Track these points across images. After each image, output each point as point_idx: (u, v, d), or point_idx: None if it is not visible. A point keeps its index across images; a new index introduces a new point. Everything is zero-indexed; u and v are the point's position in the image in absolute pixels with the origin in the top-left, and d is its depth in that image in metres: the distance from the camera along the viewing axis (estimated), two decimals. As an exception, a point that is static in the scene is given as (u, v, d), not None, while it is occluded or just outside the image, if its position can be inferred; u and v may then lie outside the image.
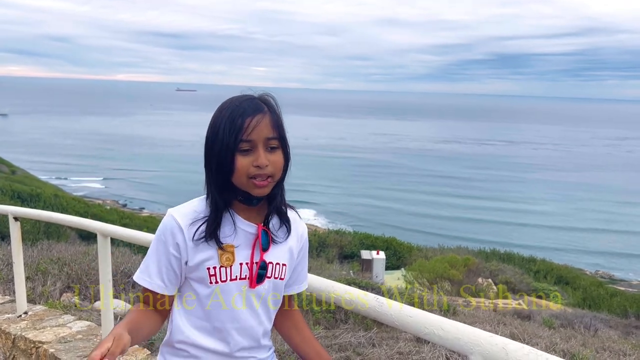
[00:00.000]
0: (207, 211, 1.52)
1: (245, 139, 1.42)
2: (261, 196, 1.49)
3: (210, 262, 1.49)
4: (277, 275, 1.57)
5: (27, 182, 31.37)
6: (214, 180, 1.49)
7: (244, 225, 1.53)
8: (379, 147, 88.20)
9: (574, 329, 7.97)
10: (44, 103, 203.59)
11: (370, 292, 1.86)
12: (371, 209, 45.30)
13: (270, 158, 1.45)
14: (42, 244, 9.70)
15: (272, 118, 1.47)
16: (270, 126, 1.46)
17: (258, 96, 1.51)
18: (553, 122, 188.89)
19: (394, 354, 4.18)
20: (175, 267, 1.52)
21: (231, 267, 1.50)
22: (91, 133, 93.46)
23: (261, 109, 1.46)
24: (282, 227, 1.59)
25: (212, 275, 1.49)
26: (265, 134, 1.44)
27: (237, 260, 1.50)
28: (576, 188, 56.66)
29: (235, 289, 1.51)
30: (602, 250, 35.60)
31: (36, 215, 4.33)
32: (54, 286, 5.86)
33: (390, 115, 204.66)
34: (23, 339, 4.01)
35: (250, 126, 1.42)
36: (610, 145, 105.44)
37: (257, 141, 1.44)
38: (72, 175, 55.38)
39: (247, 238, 1.53)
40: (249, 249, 1.52)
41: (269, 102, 1.51)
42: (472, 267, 17.75)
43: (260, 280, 1.53)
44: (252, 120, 1.43)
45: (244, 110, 1.44)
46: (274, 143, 1.47)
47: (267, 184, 1.46)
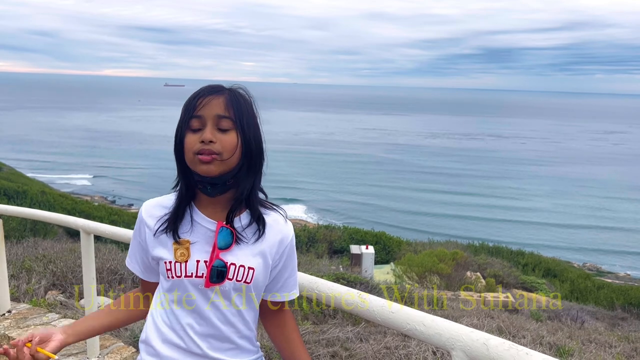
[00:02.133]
0: (171, 209, 1.52)
1: (196, 114, 1.41)
2: (208, 175, 1.42)
3: (166, 256, 1.48)
4: (241, 279, 1.47)
5: (14, 179, 31.03)
6: (177, 165, 1.49)
7: (202, 221, 1.49)
8: (367, 142, 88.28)
9: (561, 322, 8.03)
10: (29, 99, 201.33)
11: (359, 287, 1.85)
12: (360, 205, 45.27)
13: (218, 136, 1.41)
14: (27, 241, 9.61)
15: (228, 98, 1.44)
16: (224, 105, 1.42)
17: (228, 86, 1.49)
18: (541, 116, 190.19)
19: (381, 348, 4.19)
20: (145, 255, 1.57)
21: (186, 263, 1.46)
22: (78, 129, 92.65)
23: (218, 90, 1.45)
24: (252, 227, 1.51)
25: (169, 269, 1.48)
26: (216, 112, 1.41)
27: (193, 257, 1.46)
28: (564, 181, 57.15)
29: (190, 287, 1.47)
30: (590, 248, 35.72)
31: (18, 212, 4.27)
32: (39, 284, 5.80)
33: (378, 110, 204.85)
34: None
35: (202, 104, 1.42)
36: (597, 139, 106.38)
37: (206, 118, 1.41)
38: (59, 172, 54.90)
39: (207, 235, 1.48)
40: (209, 247, 1.47)
41: (234, 89, 1.48)
42: (461, 261, 17.83)
43: (219, 280, 1.45)
44: (205, 99, 1.42)
45: (201, 91, 1.45)
46: (226, 123, 1.42)
47: (210, 160, 1.40)
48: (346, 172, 59.73)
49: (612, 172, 63.94)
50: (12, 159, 51.26)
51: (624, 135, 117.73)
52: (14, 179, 31.83)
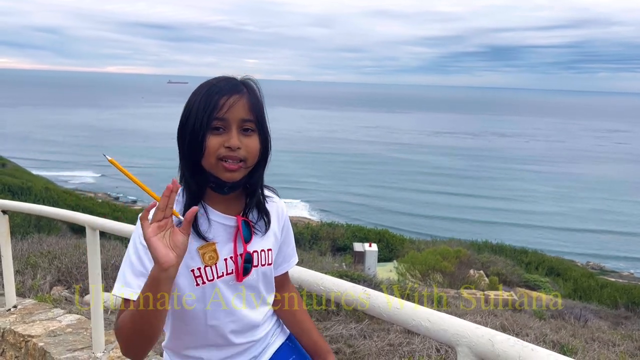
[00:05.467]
0: (180, 206, 1.42)
1: (219, 117, 1.35)
2: (231, 182, 1.39)
3: (192, 262, 1.40)
4: (265, 262, 1.52)
5: (18, 175, 31.13)
6: (186, 163, 1.42)
7: (219, 219, 1.45)
8: (371, 140, 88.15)
9: (564, 320, 8.02)
10: (33, 96, 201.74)
11: (362, 285, 1.85)
12: (362, 206, 44.80)
13: (243, 141, 1.37)
14: (32, 237, 9.65)
15: (250, 100, 1.40)
16: (248, 108, 1.39)
17: (240, 78, 1.44)
18: (545, 115, 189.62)
19: (384, 345, 4.20)
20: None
21: (216, 264, 1.42)
22: (82, 126, 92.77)
23: (239, 90, 1.39)
24: (262, 219, 1.53)
25: (198, 276, 1.41)
26: (241, 115, 1.37)
27: (221, 257, 1.43)
28: (567, 180, 56.96)
29: (223, 286, 1.45)
30: (594, 254, 35.14)
31: (24, 208, 4.30)
32: (44, 280, 5.84)
33: (382, 108, 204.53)
34: (12, 332, 3.99)
35: (225, 105, 1.36)
36: (600, 138, 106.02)
37: (231, 121, 1.36)
38: (63, 168, 55.04)
39: (227, 231, 1.45)
40: (231, 242, 1.45)
41: (250, 84, 1.44)
42: (464, 259, 17.83)
43: (247, 272, 1.47)
44: (229, 99, 1.36)
45: (220, 88, 1.38)
46: (249, 125, 1.39)
47: (237, 168, 1.37)
48: (349, 171, 59.63)
49: (615, 171, 63.69)
50: (17, 158, 51.44)
51: (628, 134, 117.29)
52: (19, 175, 31.95)
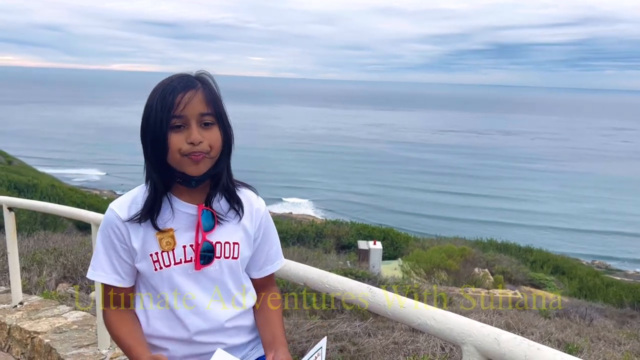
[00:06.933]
0: (142, 202, 1.49)
1: (177, 114, 1.39)
2: (198, 175, 1.44)
3: (151, 248, 1.47)
4: (229, 255, 1.52)
5: (24, 173, 31.26)
6: (151, 162, 1.45)
7: (183, 207, 1.49)
8: (375, 138, 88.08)
9: (570, 319, 8.01)
10: (38, 93, 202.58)
11: (366, 283, 1.85)
12: (366, 206, 44.50)
13: (204, 134, 1.41)
14: (38, 234, 9.69)
15: (205, 94, 1.43)
16: (204, 102, 1.42)
17: (194, 74, 1.47)
18: (550, 113, 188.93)
19: (389, 343, 4.20)
20: (126, 258, 1.51)
21: (173, 250, 1.47)
22: (87, 123, 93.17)
23: (193, 85, 1.43)
24: (231, 211, 1.55)
25: (156, 261, 1.47)
26: (198, 110, 1.41)
27: (180, 244, 1.47)
28: (573, 179, 56.74)
29: (182, 273, 1.48)
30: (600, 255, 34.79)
31: (30, 205, 4.31)
32: (50, 276, 5.86)
33: (386, 106, 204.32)
34: (18, 329, 4.01)
35: (182, 102, 1.39)
36: (607, 136, 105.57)
37: (189, 117, 1.40)
38: (68, 165, 55.24)
39: (189, 220, 1.49)
40: (192, 231, 1.48)
41: (204, 78, 1.47)
42: (469, 257, 17.80)
43: (208, 261, 1.49)
44: (184, 96, 1.40)
45: (174, 87, 1.41)
46: (208, 119, 1.42)
47: (201, 158, 1.41)
48: (353, 169, 59.55)
49: (621, 169, 63.35)
50: (24, 156, 51.67)
51: (634, 132, 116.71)
52: (24, 172, 32.07)
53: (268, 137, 79.74)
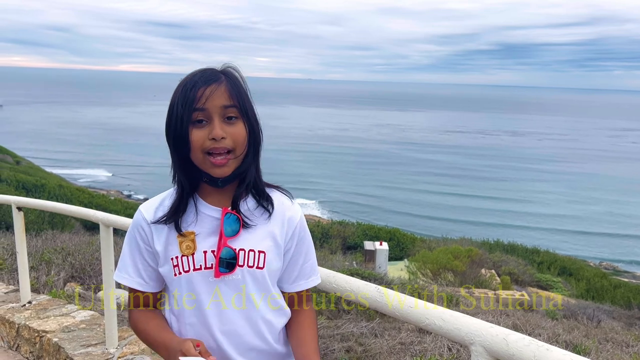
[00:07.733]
0: (170, 201, 1.44)
1: (198, 107, 1.32)
2: (223, 177, 1.37)
3: (173, 251, 1.40)
4: (253, 264, 1.40)
5: (32, 173, 31.45)
6: (176, 160, 1.40)
7: (207, 210, 1.42)
8: (382, 138, 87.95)
9: (577, 320, 7.97)
10: (46, 93, 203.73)
11: (372, 283, 1.85)
12: (372, 207, 44.30)
13: (227, 130, 1.34)
14: (46, 234, 9.75)
15: (229, 86, 1.36)
16: (227, 94, 1.35)
17: (220, 68, 1.41)
18: (558, 113, 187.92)
19: (396, 344, 4.19)
20: (150, 261, 1.46)
21: (193, 255, 1.39)
22: (94, 123, 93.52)
23: (216, 79, 1.36)
24: (260, 209, 1.45)
25: (176, 265, 1.40)
26: (221, 102, 1.34)
27: (200, 248, 1.39)
28: (580, 180, 56.39)
29: (201, 279, 1.40)
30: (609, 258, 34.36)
31: (39, 205, 4.34)
32: (58, 276, 5.89)
33: (393, 106, 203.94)
34: (27, 328, 4.04)
35: (203, 95, 1.32)
36: (615, 137, 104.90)
37: (211, 111, 1.33)
38: (75, 166, 55.50)
39: (212, 224, 1.41)
40: (216, 236, 1.40)
41: (229, 72, 1.40)
42: (476, 258, 17.72)
43: (229, 269, 1.39)
44: (206, 90, 1.33)
45: (196, 81, 1.35)
46: (232, 113, 1.35)
47: (225, 161, 1.35)
48: (360, 170, 59.43)
49: (629, 170, 62.87)
50: (30, 152, 51.95)
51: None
52: (33, 172, 32.27)
53: (274, 137, 79.79)
